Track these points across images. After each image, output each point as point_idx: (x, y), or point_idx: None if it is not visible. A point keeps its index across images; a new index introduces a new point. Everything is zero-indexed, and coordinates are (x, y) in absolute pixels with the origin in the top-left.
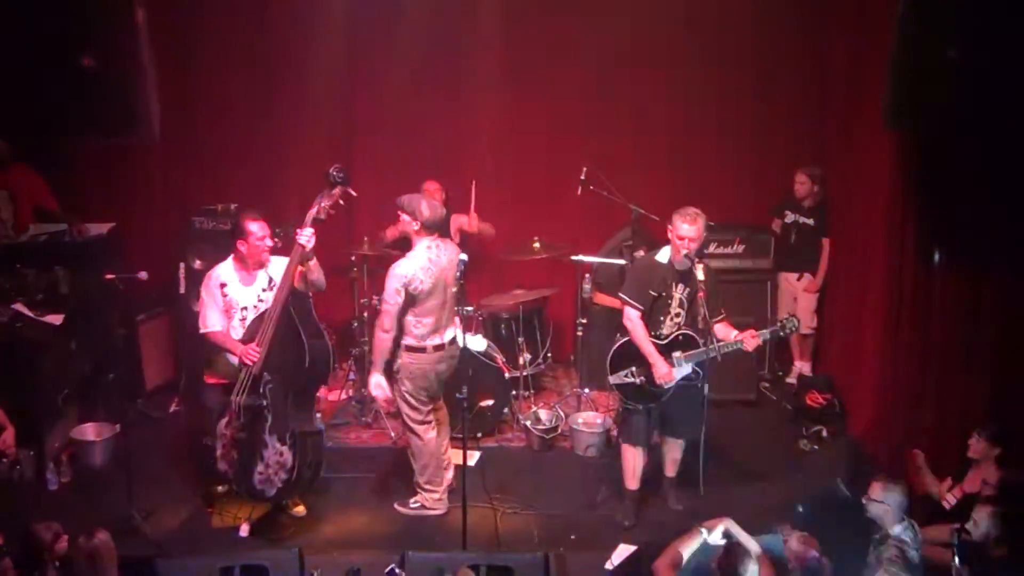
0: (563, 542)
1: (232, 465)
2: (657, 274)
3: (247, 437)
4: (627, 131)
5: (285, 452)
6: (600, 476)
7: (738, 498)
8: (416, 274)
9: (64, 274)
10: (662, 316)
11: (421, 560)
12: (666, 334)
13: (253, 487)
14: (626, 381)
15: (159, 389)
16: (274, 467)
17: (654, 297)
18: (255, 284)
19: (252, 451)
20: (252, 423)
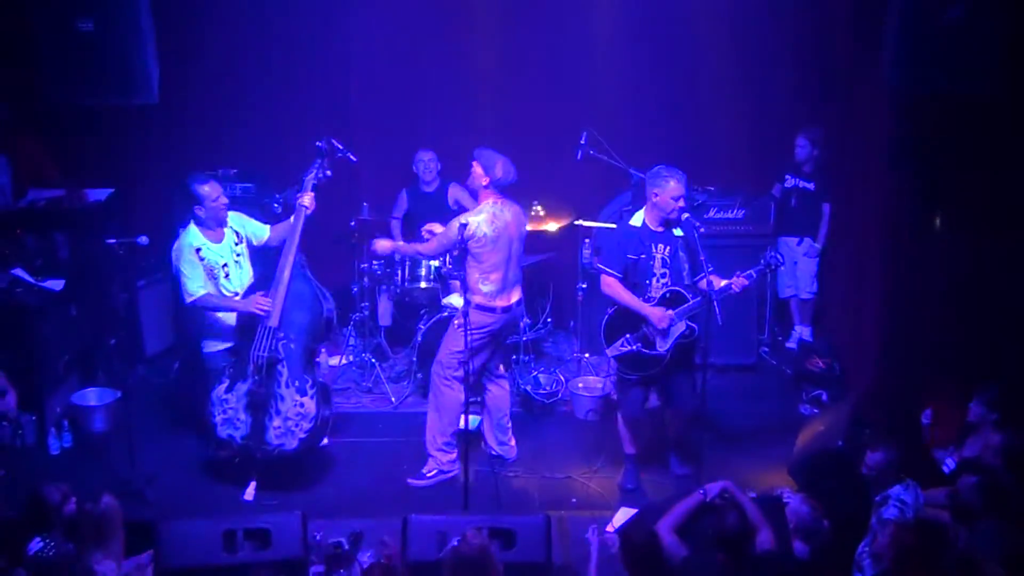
0: (564, 505)
1: (239, 427)
2: (632, 238)
3: (263, 392)
4: (626, 95)
5: (307, 402)
6: (600, 440)
7: (739, 462)
8: (480, 224)
9: (63, 240)
10: (647, 279)
11: (423, 523)
12: (654, 296)
13: (268, 444)
14: (623, 350)
15: (160, 354)
16: (294, 419)
17: (633, 261)
18: (225, 240)
19: (266, 406)
20: (267, 378)
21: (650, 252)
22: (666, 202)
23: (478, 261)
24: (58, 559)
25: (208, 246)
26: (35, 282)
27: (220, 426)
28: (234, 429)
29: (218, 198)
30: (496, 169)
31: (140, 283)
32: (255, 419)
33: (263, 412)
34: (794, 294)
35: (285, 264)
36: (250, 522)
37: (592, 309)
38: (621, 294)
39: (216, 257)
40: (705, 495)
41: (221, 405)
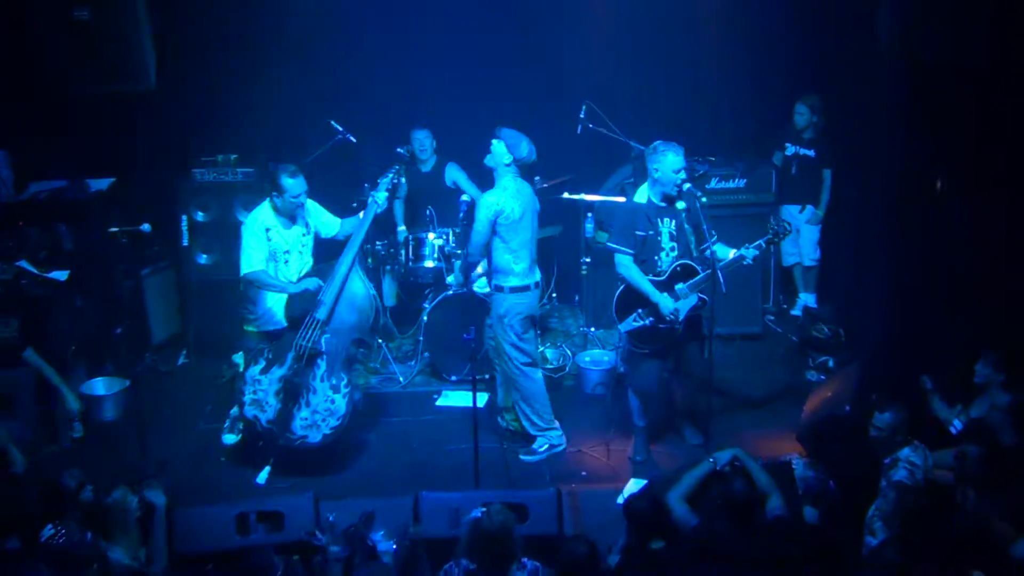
0: (575, 478)
1: (266, 410)
2: (639, 214)
3: (298, 381)
4: (625, 66)
5: (338, 400)
6: (609, 413)
7: (747, 430)
8: (508, 203)
9: (67, 230)
10: (656, 254)
11: (435, 500)
12: (665, 270)
13: (293, 432)
14: (635, 325)
15: (167, 342)
16: (323, 413)
17: (642, 237)
18: (295, 228)
19: (297, 396)
20: (305, 368)
21: (657, 227)
22: (667, 176)
23: (506, 240)
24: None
25: (278, 229)
26: (40, 273)
27: (248, 405)
28: (260, 411)
29: (299, 195)
30: (521, 147)
31: (144, 271)
32: (284, 406)
33: (293, 401)
34: (797, 262)
35: (346, 260)
36: (262, 505)
37: (596, 283)
38: (636, 278)
39: (283, 242)
40: (715, 464)
41: (253, 385)
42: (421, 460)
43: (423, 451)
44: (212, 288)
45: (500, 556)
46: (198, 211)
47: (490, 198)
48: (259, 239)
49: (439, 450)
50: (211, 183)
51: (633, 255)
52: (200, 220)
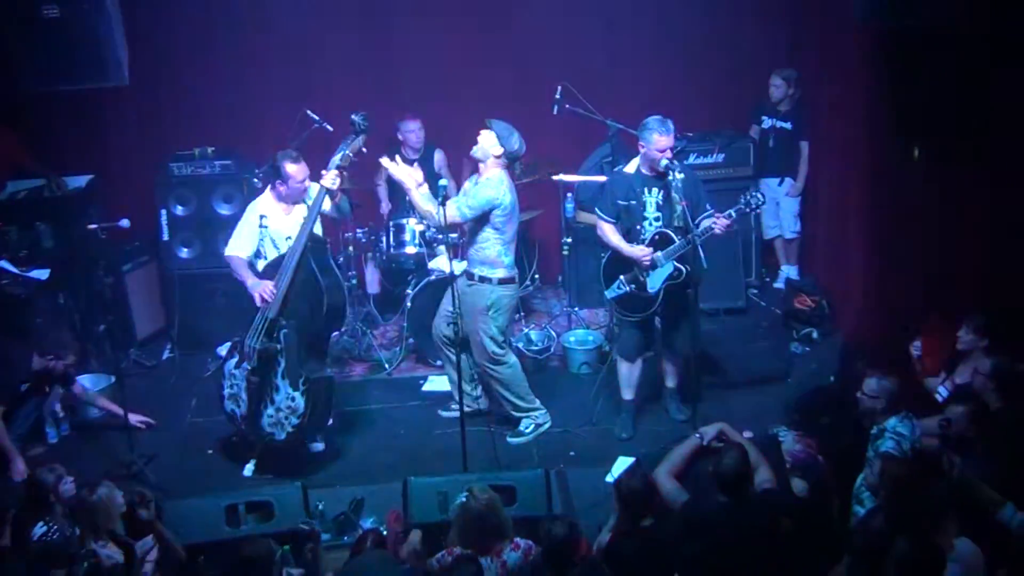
0: (562, 458)
1: (240, 405)
2: (623, 184)
3: (258, 381)
4: (597, 44)
5: (297, 398)
6: (595, 392)
7: (734, 404)
8: (506, 195)
9: (46, 229)
10: (639, 223)
11: (424, 485)
12: (646, 239)
13: (262, 429)
14: (619, 292)
15: (151, 337)
16: (285, 411)
17: (624, 206)
18: (295, 213)
19: (262, 395)
20: (265, 367)
21: (640, 198)
22: (653, 153)
23: (501, 232)
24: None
25: (276, 216)
26: (21, 273)
27: (226, 399)
28: (236, 406)
29: (303, 179)
30: (512, 140)
31: (125, 267)
32: (252, 404)
33: (258, 399)
34: (779, 234)
35: (294, 251)
36: (252, 496)
37: (578, 263)
38: (610, 237)
39: (281, 228)
40: (702, 439)
41: (229, 379)
42: (409, 446)
43: (410, 437)
44: (194, 281)
45: (491, 536)
46: (177, 205)
47: (487, 190)
48: (250, 224)
49: (426, 435)
50: (188, 176)
51: (613, 223)
52: (179, 214)
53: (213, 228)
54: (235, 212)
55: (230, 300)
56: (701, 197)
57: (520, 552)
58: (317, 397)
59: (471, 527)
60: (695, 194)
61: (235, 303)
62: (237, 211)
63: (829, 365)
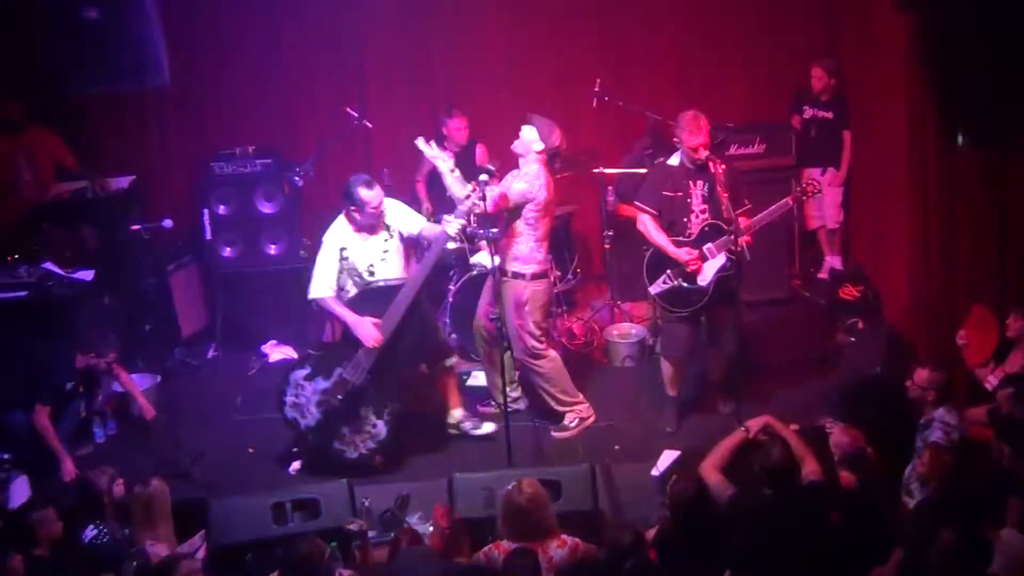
0: (608, 453)
1: (306, 417)
2: (668, 176)
3: (341, 407)
4: (636, 36)
5: (380, 426)
6: (639, 386)
7: (779, 396)
8: (538, 189)
9: (90, 230)
10: (685, 216)
11: (468, 481)
12: (693, 232)
13: (331, 445)
14: (665, 287)
15: (195, 336)
16: (363, 436)
17: (669, 198)
18: (375, 238)
19: (341, 419)
20: (351, 395)
21: (687, 190)
22: (686, 150)
23: (533, 228)
24: (113, 544)
25: (356, 246)
26: (66, 274)
27: (288, 406)
28: (300, 416)
29: (379, 204)
30: (553, 137)
31: (169, 267)
32: (325, 419)
33: (335, 418)
34: (822, 225)
35: (407, 296)
36: (298, 493)
37: (620, 256)
38: (653, 234)
39: (363, 258)
40: (747, 432)
41: (296, 389)
42: (453, 441)
43: (455, 432)
44: (237, 280)
45: (536, 530)
46: (219, 204)
47: (520, 184)
48: (330, 260)
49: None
50: (230, 175)
51: (655, 215)
52: (221, 213)
53: (255, 227)
54: (277, 210)
55: (273, 298)
56: (740, 190)
57: (567, 549)
58: (400, 427)
59: (517, 520)
60: (735, 187)
61: (278, 301)
62: (279, 209)
63: (876, 356)
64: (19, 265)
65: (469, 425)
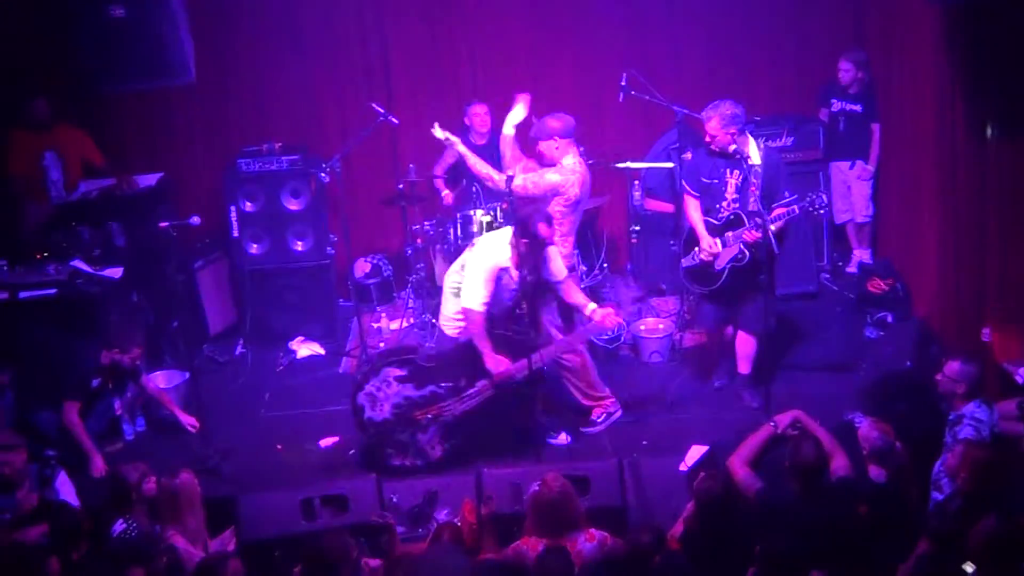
0: (635, 448)
1: (375, 409)
2: (707, 163)
3: (416, 416)
4: (661, 29)
5: (438, 451)
6: (666, 381)
7: (809, 390)
8: (570, 181)
9: (118, 227)
10: (718, 202)
11: (497, 476)
12: (723, 216)
13: (381, 445)
14: (691, 264)
15: (223, 333)
16: (416, 450)
17: (707, 184)
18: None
19: (407, 429)
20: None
21: (723, 178)
22: (711, 137)
23: (558, 223)
24: (141, 539)
25: (511, 274)
26: (94, 272)
27: (364, 393)
28: (371, 407)
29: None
30: (550, 127)
31: (197, 264)
32: (392, 422)
33: (402, 425)
34: (850, 218)
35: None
36: (326, 489)
37: (647, 251)
38: (690, 212)
39: (510, 288)
40: (776, 427)
41: (382, 382)
42: (481, 436)
43: (483, 427)
44: (264, 277)
45: (564, 525)
46: (245, 201)
47: (552, 176)
48: (490, 280)
49: (499, 426)
50: (256, 173)
51: (697, 197)
52: (248, 210)
53: (282, 224)
54: (303, 207)
55: (300, 295)
56: (778, 184)
57: (596, 543)
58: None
59: (545, 516)
60: (772, 180)
61: (305, 298)
62: (305, 206)
63: (905, 350)
64: (48, 263)
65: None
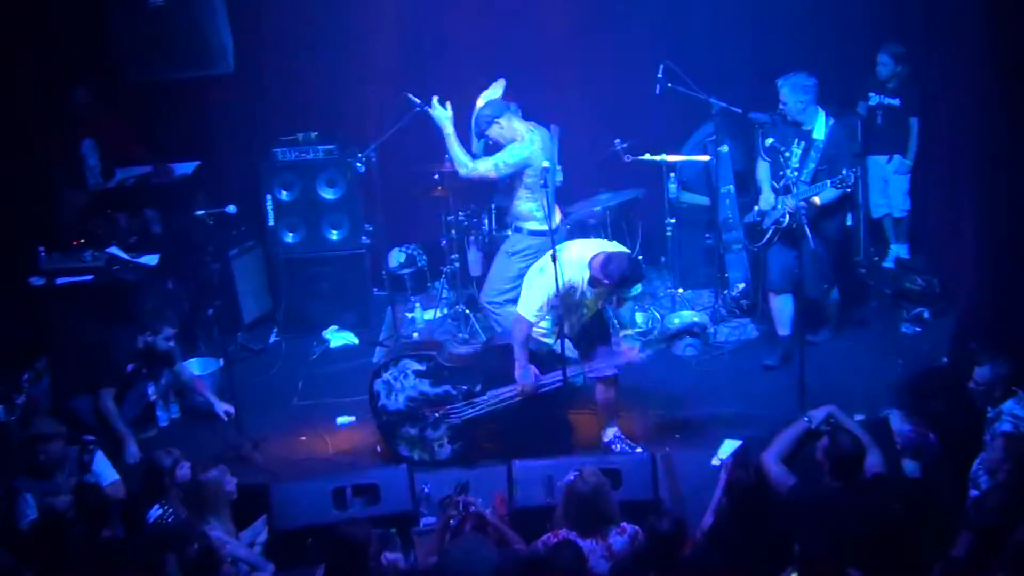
0: (668, 441)
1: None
2: (780, 131)
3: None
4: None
5: (447, 449)
6: (699, 375)
7: (843, 386)
8: (534, 150)
9: (154, 215)
10: (782, 169)
11: (528, 468)
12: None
13: (390, 433)
14: (750, 219)
15: (257, 321)
16: (424, 446)
17: (776, 149)
18: (591, 300)
19: (417, 423)
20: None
21: (790, 147)
22: (783, 104)
23: (532, 191)
24: (177, 525)
25: (580, 293)
26: (131, 259)
27: (381, 380)
28: (386, 396)
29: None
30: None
31: (232, 252)
32: (404, 413)
33: (411, 419)
34: (887, 212)
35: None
36: (358, 479)
37: (682, 244)
38: (759, 174)
39: (576, 307)
40: (810, 422)
41: (400, 372)
42: (512, 429)
43: (514, 419)
44: (299, 266)
45: (597, 519)
46: (281, 190)
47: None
48: (548, 291)
49: (531, 417)
50: (293, 162)
51: (768, 162)
52: (283, 199)
53: (318, 212)
54: (339, 196)
55: (335, 284)
56: (840, 159)
57: (627, 536)
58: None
59: (578, 509)
60: (833, 157)
61: (340, 287)
62: (341, 195)
63: (941, 346)
64: (84, 250)
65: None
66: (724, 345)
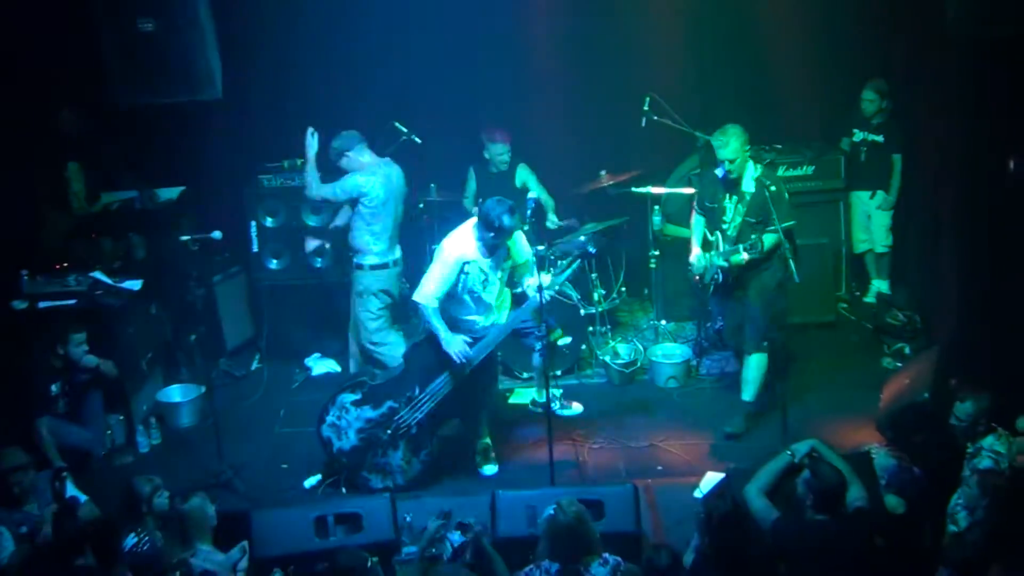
0: (650, 473)
1: (342, 440)
2: (711, 187)
3: (382, 440)
4: (687, 57)
5: (415, 464)
6: (683, 406)
7: (824, 420)
8: (372, 182)
9: (139, 240)
10: (718, 227)
11: (511, 499)
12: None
13: (357, 471)
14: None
15: (240, 348)
16: (395, 469)
17: (709, 208)
18: (496, 258)
19: (379, 445)
20: (396, 432)
21: (722, 203)
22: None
23: (367, 222)
24: (154, 552)
25: (479, 263)
26: (114, 283)
27: (327, 425)
28: (336, 438)
29: (513, 234)
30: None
31: (216, 278)
32: (362, 446)
33: (372, 449)
34: (869, 248)
35: (502, 331)
36: (341, 507)
37: (666, 276)
38: (693, 231)
39: (481, 272)
40: (793, 456)
41: (340, 411)
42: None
43: (497, 449)
44: (283, 292)
45: (579, 549)
46: (266, 216)
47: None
48: (450, 271)
49: (514, 448)
50: (278, 188)
51: (703, 217)
52: (269, 225)
53: (302, 239)
54: (323, 223)
55: (319, 311)
56: (767, 216)
57: (608, 568)
58: (438, 465)
59: (559, 540)
60: (760, 211)
61: (323, 314)
62: (325, 222)
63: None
64: (68, 273)
65: (556, 405)
66: (706, 377)
